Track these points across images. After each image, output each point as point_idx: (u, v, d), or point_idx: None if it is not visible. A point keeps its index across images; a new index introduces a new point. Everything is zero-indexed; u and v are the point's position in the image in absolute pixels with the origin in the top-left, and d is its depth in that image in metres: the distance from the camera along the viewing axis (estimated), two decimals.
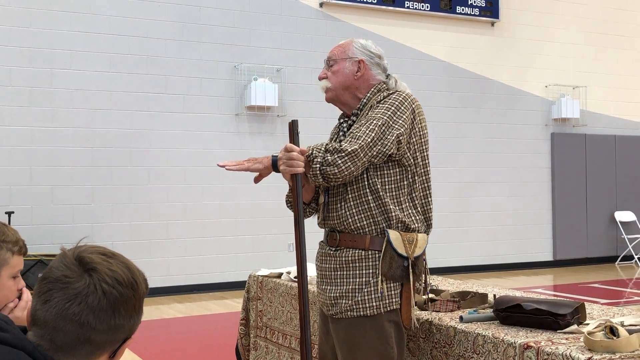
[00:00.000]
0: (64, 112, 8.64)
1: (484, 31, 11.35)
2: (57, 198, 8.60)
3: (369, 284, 2.48)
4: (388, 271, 2.47)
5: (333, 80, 2.64)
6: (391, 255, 2.47)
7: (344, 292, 2.51)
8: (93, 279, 1.27)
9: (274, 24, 9.83)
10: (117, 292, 1.28)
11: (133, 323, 1.32)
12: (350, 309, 2.49)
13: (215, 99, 9.47)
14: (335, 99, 2.67)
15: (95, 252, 1.32)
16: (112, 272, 1.29)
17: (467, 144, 11.10)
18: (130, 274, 1.31)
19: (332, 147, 2.40)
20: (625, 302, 8.28)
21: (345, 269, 2.52)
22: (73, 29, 8.71)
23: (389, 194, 2.51)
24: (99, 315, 1.26)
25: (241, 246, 9.54)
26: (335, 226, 2.57)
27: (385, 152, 2.45)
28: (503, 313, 2.48)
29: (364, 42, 2.68)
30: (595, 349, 2.02)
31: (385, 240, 2.47)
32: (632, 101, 12.55)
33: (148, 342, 6.10)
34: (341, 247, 2.55)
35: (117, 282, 1.28)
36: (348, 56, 2.63)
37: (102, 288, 1.27)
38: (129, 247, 8.74)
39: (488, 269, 11.11)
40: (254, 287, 4.10)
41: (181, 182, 9.24)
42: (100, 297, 1.26)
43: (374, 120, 2.46)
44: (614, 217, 12.11)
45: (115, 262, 1.32)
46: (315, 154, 2.41)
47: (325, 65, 2.70)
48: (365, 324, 2.47)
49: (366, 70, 2.63)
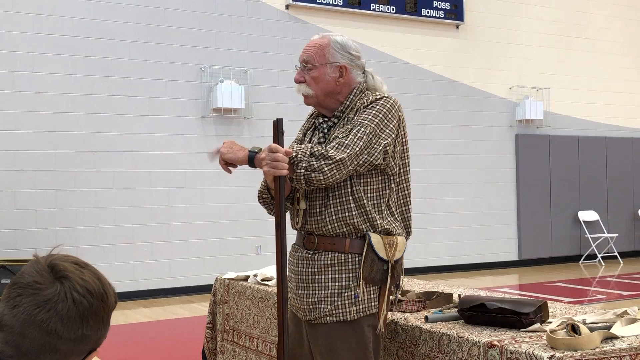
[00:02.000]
0: (26, 115, 8.50)
1: (449, 34, 11.45)
2: (19, 202, 8.46)
3: (349, 288, 2.42)
4: (369, 275, 2.42)
5: (314, 87, 2.52)
6: (372, 259, 2.42)
7: (323, 297, 2.44)
8: (64, 287, 1.26)
9: (240, 25, 9.80)
10: (87, 302, 1.27)
11: (100, 335, 1.31)
12: (329, 314, 2.43)
13: (181, 101, 9.40)
14: (316, 105, 2.59)
15: (69, 260, 1.31)
16: (83, 282, 1.28)
17: (432, 145, 11.19)
18: (101, 285, 1.31)
19: (318, 152, 2.33)
20: (589, 301, 8.41)
21: (324, 273, 2.45)
22: (35, 30, 8.59)
23: (371, 201, 2.46)
24: (67, 324, 1.25)
25: (208, 249, 9.48)
26: (314, 230, 2.50)
27: (372, 161, 2.40)
28: (467, 313, 2.50)
29: (342, 41, 2.55)
30: (558, 347, 2.05)
31: (367, 243, 2.42)
32: (595, 102, 12.77)
33: (114, 348, 6.03)
34: (319, 250, 2.48)
35: (88, 291, 1.27)
36: (329, 61, 2.52)
37: (73, 296, 1.26)
38: (93, 252, 8.63)
39: (454, 269, 11.20)
40: (220, 290, 4.08)
41: (147, 185, 9.15)
42: (70, 306, 1.25)
43: (361, 128, 2.40)
44: (577, 217, 12.29)
45: (87, 272, 1.30)
46: (300, 158, 2.33)
47: (300, 66, 2.56)
48: (345, 329, 2.42)
49: (348, 75, 2.54)
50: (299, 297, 2.53)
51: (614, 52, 13.03)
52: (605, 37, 12.94)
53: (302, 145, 2.45)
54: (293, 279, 2.59)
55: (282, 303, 2.37)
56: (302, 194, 2.53)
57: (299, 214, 2.55)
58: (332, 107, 2.56)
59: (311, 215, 2.50)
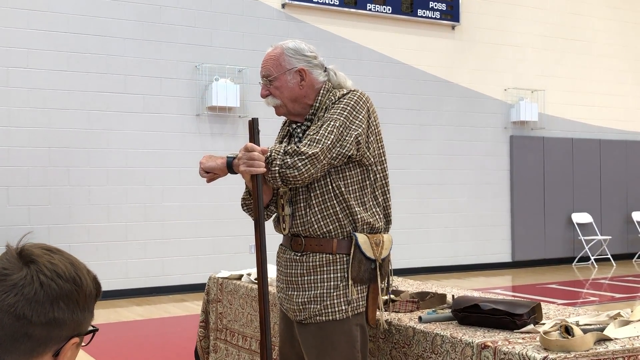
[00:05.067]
0: (20, 111, 8.47)
1: (444, 34, 11.45)
2: (12, 199, 8.43)
3: (338, 287, 2.46)
4: (357, 275, 2.47)
5: (280, 97, 2.56)
6: (360, 259, 2.47)
7: (312, 297, 2.48)
8: (31, 270, 1.25)
9: (236, 24, 9.79)
10: (56, 284, 1.24)
11: (78, 319, 1.28)
12: (319, 313, 2.47)
13: (176, 99, 9.38)
14: (287, 114, 2.62)
15: (39, 247, 1.30)
16: (51, 265, 1.26)
17: (427, 146, 11.19)
18: (73, 269, 1.28)
19: (291, 150, 2.37)
20: (581, 303, 8.43)
21: (313, 274, 2.49)
22: (30, 27, 8.55)
23: (353, 195, 2.50)
24: (35, 307, 1.23)
25: (202, 248, 9.46)
26: (300, 232, 2.53)
27: (345, 153, 2.43)
28: (461, 313, 2.50)
29: (295, 46, 2.58)
30: (551, 348, 2.05)
31: (354, 244, 2.47)
32: (589, 105, 12.80)
33: (106, 345, 6.01)
34: (307, 252, 2.51)
35: (56, 274, 1.25)
36: (286, 68, 2.54)
37: (40, 279, 1.24)
38: (86, 249, 8.61)
39: (448, 270, 11.21)
40: (214, 289, 4.07)
41: (140, 183, 9.13)
42: (36, 289, 1.23)
43: (331, 122, 2.44)
44: (571, 219, 12.32)
45: (58, 257, 1.29)
46: (274, 156, 2.39)
47: (263, 82, 2.61)
48: (334, 329, 2.46)
49: (309, 77, 2.56)
50: (289, 298, 2.56)
51: (609, 54, 13.06)
52: (600, 40, 12.97)
53: (276, 144, 2.53)
54: (283, 280, 2.61)
55: (263, 300, 2.42)
56: (287, 200, 2.57)
57: (284, 219, 2.58)
58: (303, 113, 2.60)
59: (296, 218, 2.54)
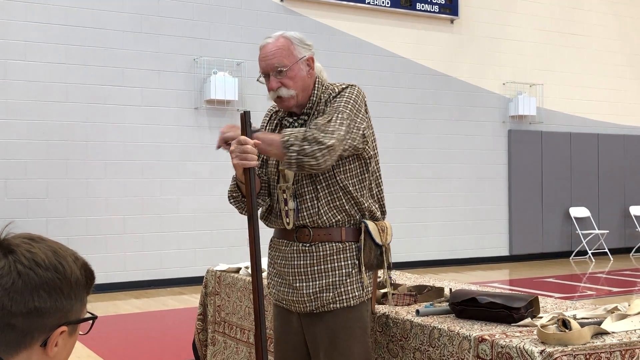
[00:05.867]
0: (18, 104, 8.46)
1: (443, 28, 11.44)
2: (10, 192, 8.43)
3: (350, 274, 2.50)
4: (368, 261, 2.52)
5: (294, 87, 2.51)
6: (370, 246, 2.52)
7: (325, 286, 2.49)
8: (8, 260, 1.23)
9: (235, 17, 9.77)
10: (35, 273, 1.23)
11: (63, 308, 1.26)
12: (333, 301, 2.49)
13: (174, 92, 9.37)
14: (296, 105, 2.56)
15: (20, 237, 1.28)
16: (30, 254, 1.24)
17: (426, 140, 11.19)
18: (54, 257, 1.26)
19: (310, 137, 2.36)
20: (579, 297, 8.45)
21: (323, 263, 2.51)
22: (28, 19, 8.53)
23: (354, 187, 2.53)
24: (14, 297, 1.21)
25: (200, 241, 9.47)
26: (308, 224, 2.52)
27: (355, 145, 2.47)
28: (458, 307, 2.50)
29: (297, 36, 2.57)
30: (548, 342, 2.06)
31: (364, 230, 2.51)
32: (587, 99, 12.80)
33: (104, 338, 6.02)
34: (315, 242, 2.52)
35: (35, 263, 1.24)
36: (298, 58, 2.52)
37: (17, 269, 1.22)
38: (84, 242, 8.61)
39: (446, 263, 11.23)
40: (211, 282, 4.07)
41: (139, 176, 9.13)
42: (14, 278, 1.22)
43: (338, 114, 2.44)
44: (568, 213, 12.34)
45: (38, 246, 1.27)
46: (292, 142, 2.37)
47: (273, 74, 2.50)
48: (348, 315, 2.49)
49: (314, 65, 2.58)
50: (296, 290, 2.53)
51: (608, 49, 13.06)
52: (598, 34, 12.96)
53: (293, 128, 2.49)
54: (286, 274, 2.57)
55: (258, 293, 2.41)
56: (290, 194, 2.54)
57: (288, 214, 2.55)
58: (304, 103, 2.58)
59: (303, 210, 2.53)
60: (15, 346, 1.24)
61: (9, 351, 1.24)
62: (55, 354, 1.27)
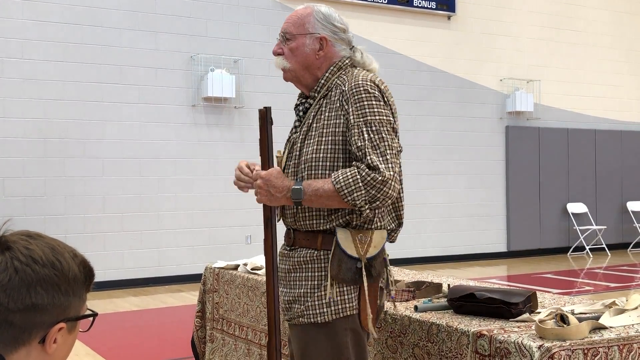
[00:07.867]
0: (15, 102, 8.45)
1: (440, 25, 11.44)
2: (8, 190, 8.42)
3: (320, 287, 2.23)
4: (337, 273, 2.20)
5: (292, 61, 2.32)
6: (340, 257, 2.21)
7: (297, 296, 2.27)
8: (5, 257, 1.23)
9: (232, 14, 9.76)
10: (32, 269, 1.23)
11: (61, 304, 1.25)
12: (301, 314, 2.25)
13: (172, 90, 9.36)
14: (294, 80, 2.37)
15: (18, 233, 1.28)
16: (27, 251, 1.24)
17: (423, 136, 11.20)
18: (52, 254, 1.26)
19: (370, 179, 2.12)
20: (576, 292, 8.46)
21: (299, 271, 2.28)
22: (25, 17, 8.52)
23: None
24: (11, 294, 1.21)
25: (198, 238, 9.47)
26: (291, 225, 2.34)
27: (399, 148, 2.26)
28: (457, 302, 2.50)
29: (326, 12, 2.34)
30: (547, 337, 2.06)
31: (334, 239, 2.22)
32: (585, 95, 12.81)
33: (103, 336, 6.02)
34: (296, 246, 2.31)
35: (32, 260, 1.24)
36: (308, 31, 2.31)
37: (14, 265, 1.22)
38: (82, 240, 8.60)
39: (444, 260, 11.24)
40: (210, 279, 4.07)
41: (136, 174, 9.12)
42: (11, 275, 1.22)
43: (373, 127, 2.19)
44: (566, 209, 12.35)
45: (36, 242, 1.26)
46: (351, 191, 2.12)
47: (280, 38, 2.36)
48: (317, 332, 2.23)
49: (329, 48, 2.33)
50: (281, 295, 2.39)
51: (605, 44, 13.07)
52: (595, 30, 12.97)
53: (339, 171, 2.18)
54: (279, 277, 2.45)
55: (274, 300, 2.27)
56: None
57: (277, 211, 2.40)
58: (310, 85, 2.36)
59: (286, 209, 2.35)
60: (14, 343, 1.23)
61: (8, 348, 1.24)
62: (54, 351, 1.27)
